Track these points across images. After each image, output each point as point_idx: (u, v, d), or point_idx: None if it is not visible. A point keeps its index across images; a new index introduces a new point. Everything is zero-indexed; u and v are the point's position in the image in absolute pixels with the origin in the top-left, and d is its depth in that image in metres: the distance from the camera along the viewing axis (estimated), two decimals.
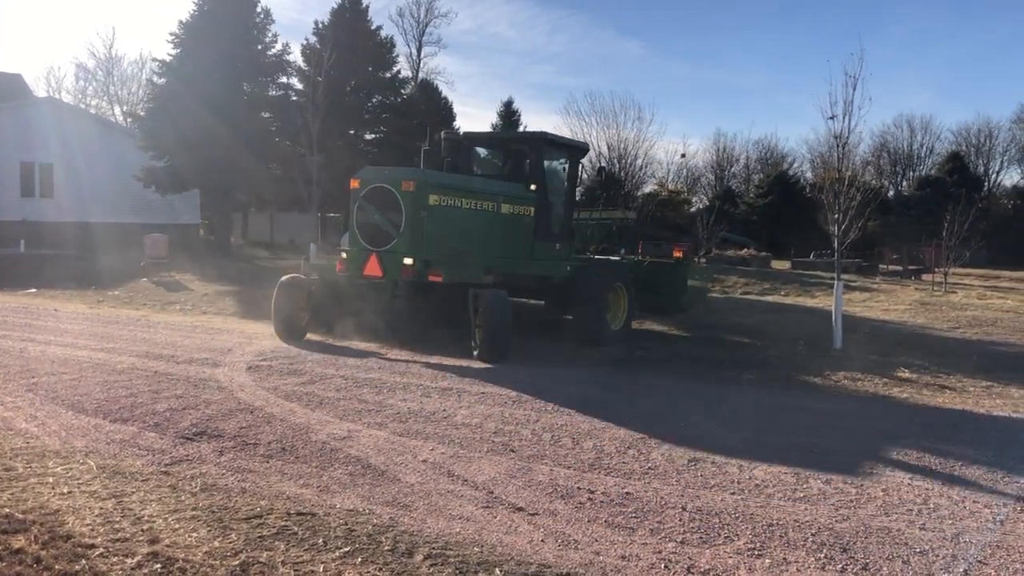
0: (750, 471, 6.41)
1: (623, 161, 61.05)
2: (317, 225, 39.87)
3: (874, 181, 47.86)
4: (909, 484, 6.15)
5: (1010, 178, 61.21)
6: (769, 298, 21.31)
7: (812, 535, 5.15)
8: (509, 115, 49.06)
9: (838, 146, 13.52)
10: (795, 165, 63.86)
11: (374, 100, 38.24)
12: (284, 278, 12.51)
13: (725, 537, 5.12)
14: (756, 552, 4.89)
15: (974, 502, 5.78)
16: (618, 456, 6.74)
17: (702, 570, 4.66)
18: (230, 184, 28.08)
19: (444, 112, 48.12)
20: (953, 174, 50.00)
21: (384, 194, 11.71)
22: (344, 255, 12.22)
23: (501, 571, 4.55)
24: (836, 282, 13.19)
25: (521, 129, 47.72)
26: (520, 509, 5.51)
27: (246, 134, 26.60)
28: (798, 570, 4.66)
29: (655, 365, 11.43)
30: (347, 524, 5.14)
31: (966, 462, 6.71)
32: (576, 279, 13.06)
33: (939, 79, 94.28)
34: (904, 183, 60.15)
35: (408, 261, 11.29)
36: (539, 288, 13.84)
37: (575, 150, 14.63)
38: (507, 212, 12.74)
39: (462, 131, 19.54)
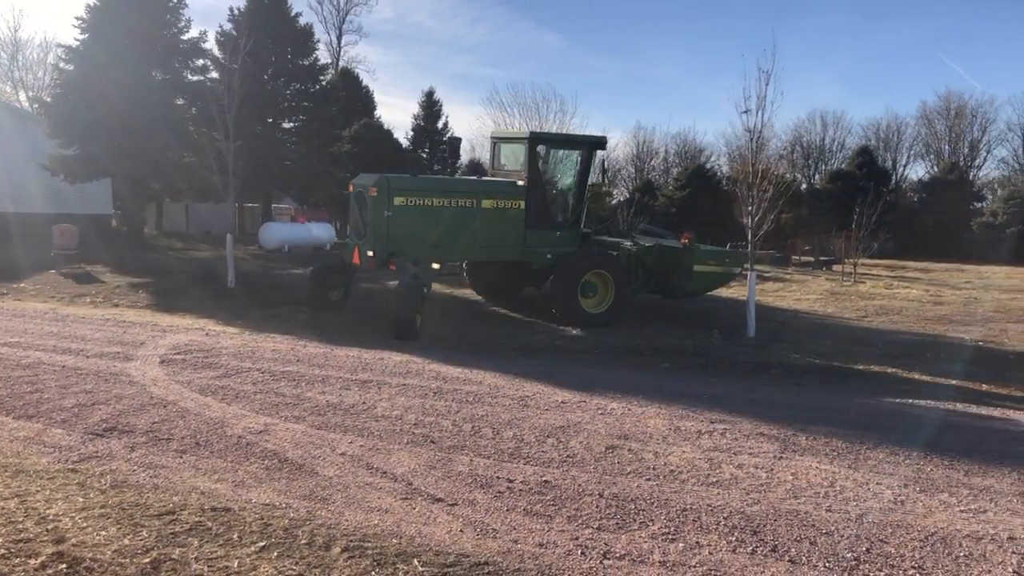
0: (665, 457, 6.55)
1: None
2: (235, 215, 39.06)
3: (788, 174, 49.12)
4: (817, 468, 6.36)
5: (915, 172, 63.75)
6: None
7: (724, 519, 5.29)
8: (430, 105, 48.75)
9: (752, 140, 13.83)
10: (713, 158, 65.23)
11: (293, 88, 37.52)
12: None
13: (640, 522, 5.22)
14: (670, 536, 5.00)
15: (877, 484, 6.01)
16: (537, 445, 6.81)
17: (618, 555, 4.74)
18: (143, 172, 27.23)
19: (365, 101, 47.60)
20: (863, 168, 51.64)
21: (362, 196, 13.71)
22: (346, 246, 14.83)
23: (419, 562, 4.56)
24: (750, 272, 13.53)
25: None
26: (439, 500, 5.52)
27: (159, 121, 25.81)
28: (710, 553, 4.78)
29: (577, 354, 11.54)
30: (263, 518, 5.07)
31: (871, 446, 6.98)
32: (555, 265, 14.27)
33: (850, 75, 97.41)
34: (816, 176, 61.91)
35: (370, 253, 13.39)
36: (530, 274, 15.54)
37: (583, 144, 15.44)
38: (489, 206, 13.99)
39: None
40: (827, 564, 4.66)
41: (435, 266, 13.95)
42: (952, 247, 43.52)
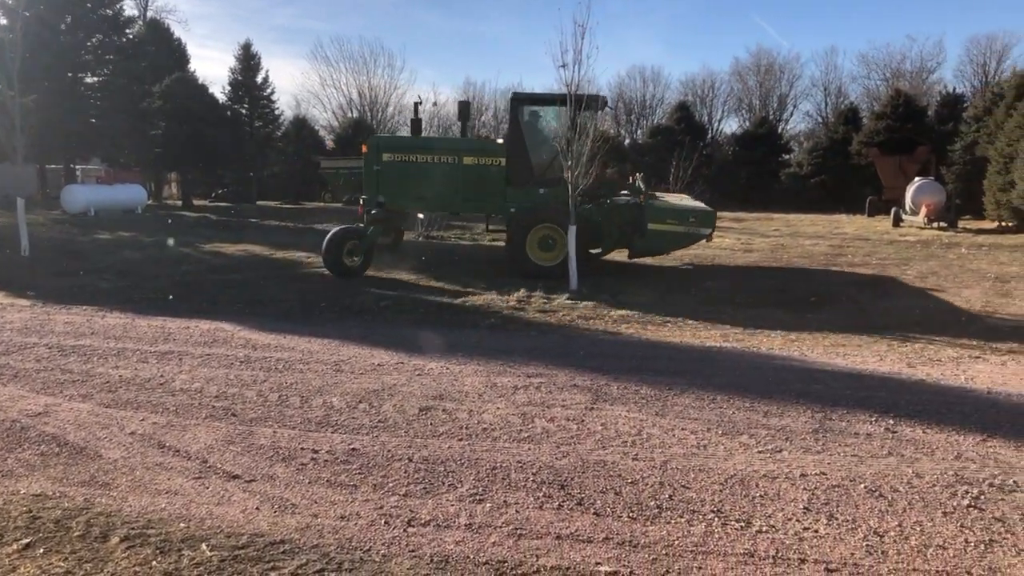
0: (479, 416, 6.44)
1: (374, 109, 60.19)
2: (36, 177, 35.97)
3: (612, 130, 50.24)
4: (626, 417, 6.43)
5: (729, 126, 66.59)
6: None
7: (533, 475, 5.23)
8: (248, 59, 46.46)
9: (570, 95, 13.83)
10: None
11: (95, 40, 34.79)
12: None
13: (449, 485, 5.08)
14: (478, 497, 4.89)
15: (682, 430, 6.13)
16: (348, 412, 6.54)
17: (423, 521, 4.58)
18: None
19: (177, 55, 44.88)
20: (681, 123, 53.44)
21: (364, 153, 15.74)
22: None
23: (208, 546, 4.23)
24: (571, 227, 13.63)
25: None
26: (236, 477, 5.18)
27: None
28: (517, 511, 4.70)
29: (402, 314, 11.29)
30: (31, 511, 4.58)
31: (678, 392, 7.13)
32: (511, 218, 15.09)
33: (667, 32, 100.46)
34: (639, 132, 63.72)
35: (361, 201, 15.89)
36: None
37: (562, 102, 14.93)
38: (470, 163, 15.08)
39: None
40: (631, 514, 4.67)
41: (420, 216, 17.75)
42: (763, 197, 45.88)
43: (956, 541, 4.32)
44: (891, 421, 6.27)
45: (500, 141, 15.29)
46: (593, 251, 15.33)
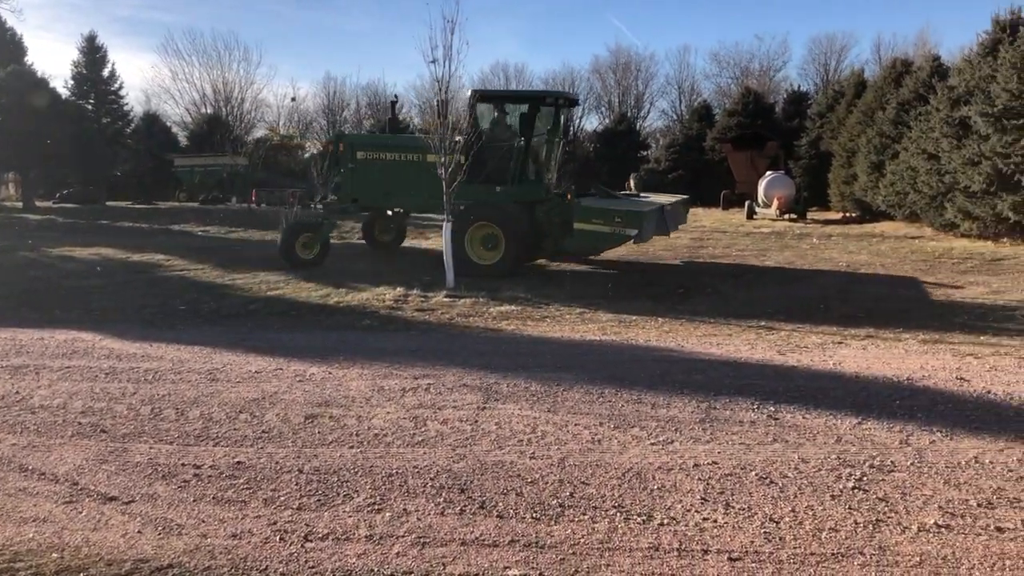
0: (369, 421, 6.26)
1: (230, 104, 58.19)
2: None
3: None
4: (519, 415, 6.39)
5: (591, 123, 67.96)
6: None
7: (431, 479, 5.12)
8: (93, 51, 43.97)
9: (440, 91, 13.73)
10: (404, 110, 65.30)
11: None
12: None
13: (344, 495, 4.90)
14: (376, 507, 4.73)
15: (575, 425, 6.14)
16: (228, 423, 6.22)
17: (320, 535, 4.40)
18: None
19: (12, 46, 41.94)
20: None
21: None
22: None
23: None
24: (446, 224, 13.54)
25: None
26: (112, 498, 4.83)
27: None
28: (419, 519, 4.58)
29: (274, 316, 10.91)
30: None
31: (567, 387, 7.15)
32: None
33: (529, 30, 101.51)
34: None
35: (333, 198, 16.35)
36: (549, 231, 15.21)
37: (527, 100, 15.06)
38: (433, 161, 14.21)
39: None
40: (534, 514, 4.63)
41: (388, 213, 17.55)
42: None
43: (846, 523, 4.49)
44: (772, 408, 6.49)
45: (459, 139, 14.70)
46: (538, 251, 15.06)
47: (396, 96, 19.42)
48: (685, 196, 18.59)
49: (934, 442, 5.73)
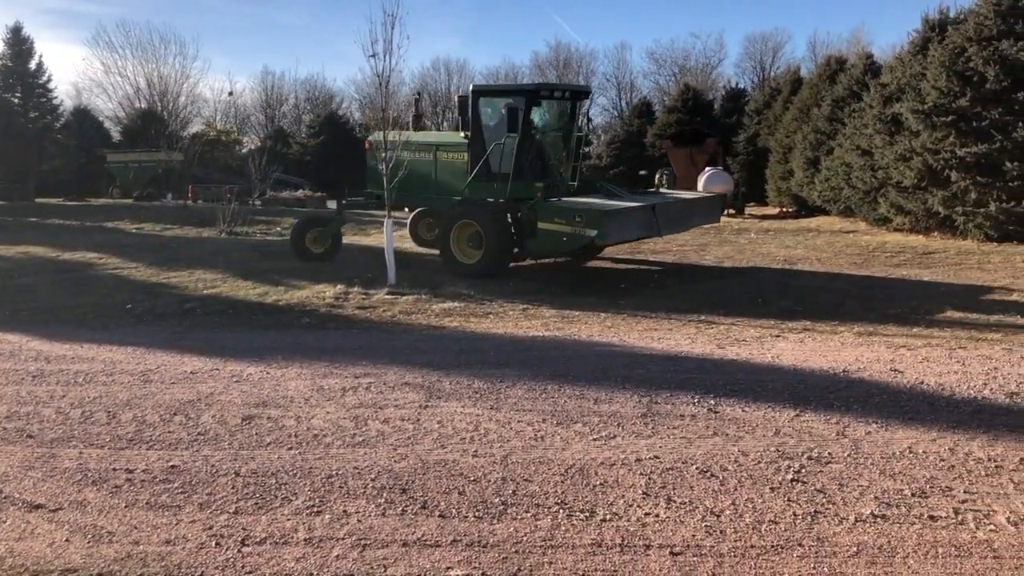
0: (308, 422, 6.15)
1: (165, 99, 56.96)
2: None
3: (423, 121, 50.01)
4: (462, 412, 6.34)
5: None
6: None
7: (372, 480, 5.04)
8: (19, 43, 42.51)
9: (381, 85, 13.61)
10: (344, 105, 64.72)
11: None
12: None
13: (283, 498, 4.80)
14: (315, 509, 4.65)
15: (518, 422, 6.12)
16: (163, 425, 6.06)
17: (257, 539, 4.30)
18: None
19: None
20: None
21: None
22: None
23: None
24: (387, 220, 13.42)
25: None
26: (38, 506, 4.67)
27: None
28: (359, 521, 4.51)
29: (210, 316, 10.68)
30: None
31: (510, 383, 7.12)
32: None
33: (469, 25, 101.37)
34: (444, 124, 63.93)
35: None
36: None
37: (518, 94, 14.56)
38: (443, 159, 15.05)
39: None
40: (477, 513, 4.59)
41: (406, 210, 17.62)
42: None
43: (785, 515, 4.54)
44: (712, 401, 6.55)
45: (463, 137, 14.64)
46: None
47: (419, 93, 19.04)
48: (716, 193, 18.14)
49: (870, 433, 5.83)
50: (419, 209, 17.31)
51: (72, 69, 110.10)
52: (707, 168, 31.46)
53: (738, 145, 36.37)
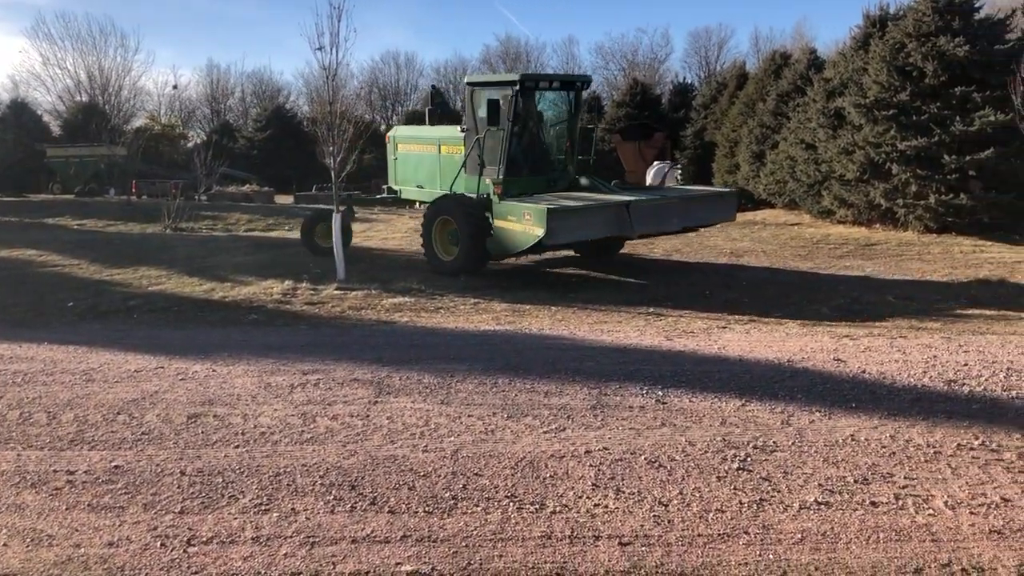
0: (256, 419, 6.07)
1: (107, 92, 55.69)
2: None
3: (367, 115, 49.74)
4: (412, 408, 6.32)
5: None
6: (274, 234, 21.02)
7: (320, 477, 5.00)
8: None
9: (328, 79, 13.46)
10: (292, 99, 63.86)
11: None
12: None
13: (230, 497, 4.74)
14: (263, 507, 4.60)
15: (469, 416, 6.11)
16: (105, 425, 5.94)
17: (204, 539, 4.24)
18: None
19: None
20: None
21: None
22: None
23: None
24: (335, 215, 13.29)
25: None
26: None
27: None
28: (307, 518, 4.47)
29: (155, 313, 10.49)
30: None
31: (461, 378, 7.11)
32: None
33: (419, 18, 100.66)
34: (394, 117, 63.47)
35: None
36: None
37: (507, 87, 13.54)
38: (445, 152, 14.68)
39: None
40: (427, 508, 4.59)
41: (418, 205, 16.95)
42: None
43: (732, 503, 4.61)
44: (660, 393, 6.61)
45: (460, 131, 14.06)
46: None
47: (434, 85, 18.27)
48: (724, 190, 17.59)
49: (813, 422, 5.94)
50: (319, 212, 16.45)
51: (8, 61, 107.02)
52: (655, 162, 31.75)
53: (686, 139, 36.73)
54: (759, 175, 25.47)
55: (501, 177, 13.11)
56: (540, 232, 11.70)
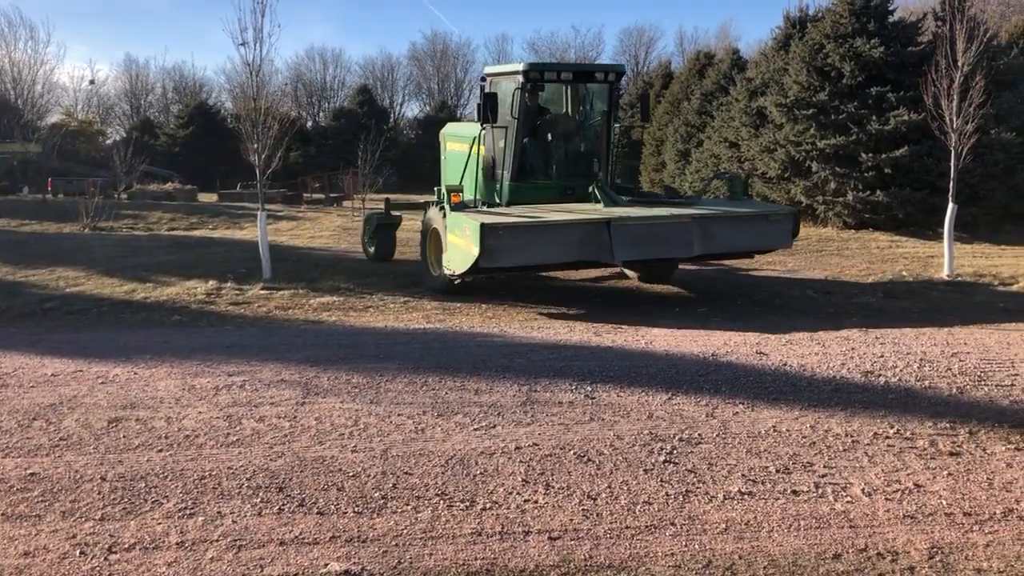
0: (179, 422, 5.94)
1: (18, 87, 53.81)
2: None
3: (292, 112, 49.02)
4: (341, 408, 6.26)
5: (411, 110, 67.61)
6: (197, 232, 20.61)
7: (247, 480, 4.92)
8: None
9: (252, 75, 13.24)
10: (215, 95, 62.64)
11: None
12: None
13: (153, 502, 4.63)
14: (188, 512, 4.50)
15: (399, 415, 6.08)
16: (20, 432, 5.74)
17: (126, 546, 4.13)
18: None
19: None
20: (363, 106, 53.44)
21: None
22: None
23: None
24: (260, 212, 13.09)
25: None
26: None
27: None
28: (233, 522, 4.39)
29: (73, 315, 10.19)
30: None
31: (390, 377, 7.06)
32: None
33: (344, 14, 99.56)
34: (321, 114, 62.72)
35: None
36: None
37: (509, 77, 12.17)
38: (474, 152, 12.64)
39: None
40: (356, 508, 4.55)
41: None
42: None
43: (659, 495, 4.69)
44: (589, 388, 6.69)
45: (481, 129, 12.23)
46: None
47: (485, 76, 15.21)
48: (773, 207, 15.08)
49: (737, 414, 6.09)
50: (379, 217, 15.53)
51: None
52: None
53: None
54: (685, 173, 25.91)
55: (453, 185, 11.66)
56: (475, 252, 9.72)
